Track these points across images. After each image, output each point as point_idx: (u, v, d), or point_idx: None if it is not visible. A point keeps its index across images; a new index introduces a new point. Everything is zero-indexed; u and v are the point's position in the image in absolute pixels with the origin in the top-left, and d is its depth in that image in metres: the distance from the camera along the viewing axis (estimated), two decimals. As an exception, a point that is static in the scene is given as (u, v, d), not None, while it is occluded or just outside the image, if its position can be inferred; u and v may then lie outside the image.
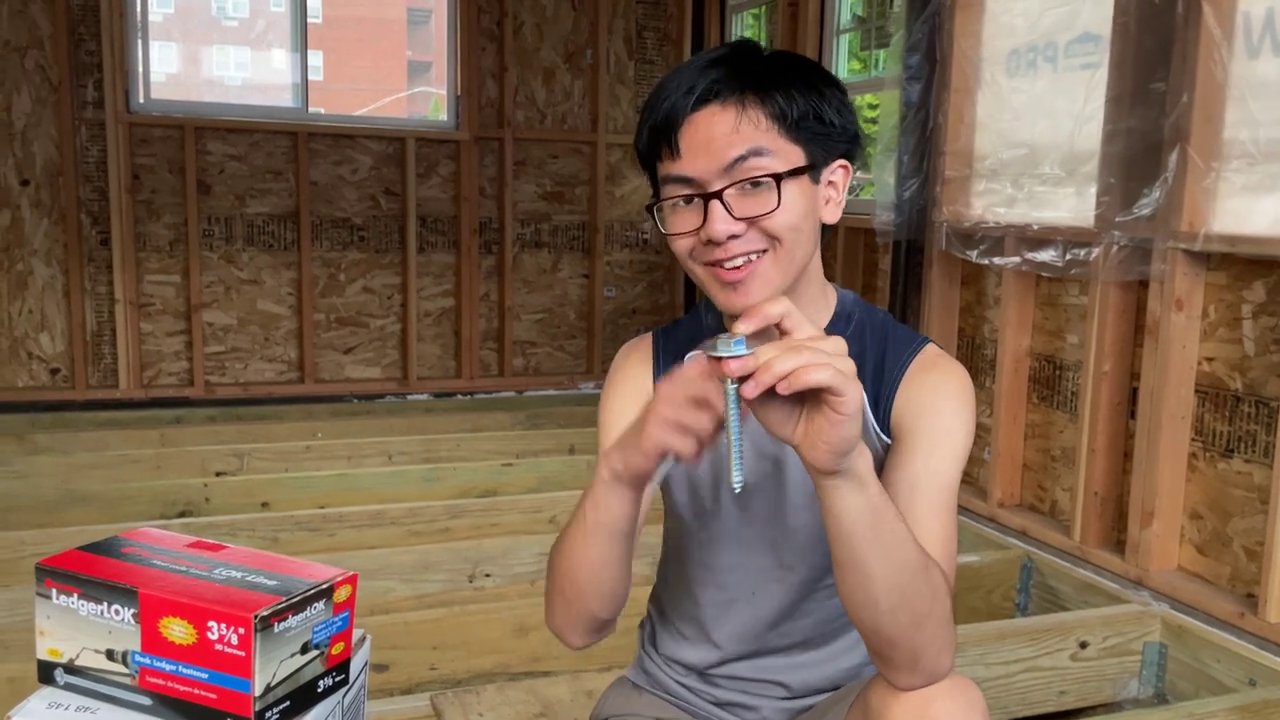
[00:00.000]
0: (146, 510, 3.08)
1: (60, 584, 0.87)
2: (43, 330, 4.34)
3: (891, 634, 0.95)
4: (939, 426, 1.08)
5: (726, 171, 1.03)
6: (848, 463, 0.86)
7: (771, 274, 1.06)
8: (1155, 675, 2.30)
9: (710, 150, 1.03)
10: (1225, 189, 2.36)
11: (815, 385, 0.81)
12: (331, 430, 4.04)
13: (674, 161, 1.06)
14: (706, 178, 1.04)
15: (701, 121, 1.04)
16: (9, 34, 4.14)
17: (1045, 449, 2.98)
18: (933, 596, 0.95)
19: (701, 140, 1.04)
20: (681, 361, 1.20)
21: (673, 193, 1.07)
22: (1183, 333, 2.44)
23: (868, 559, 0.91)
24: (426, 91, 18.18)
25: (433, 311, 4.89)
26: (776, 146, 1.04)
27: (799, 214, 1.06)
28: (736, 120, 1.03)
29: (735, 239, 1.04)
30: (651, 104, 1.08)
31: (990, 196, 3.13)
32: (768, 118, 1.04)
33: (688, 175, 1.05)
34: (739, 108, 1.04)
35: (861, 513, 0.89)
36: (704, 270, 1.08)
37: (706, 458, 1.17)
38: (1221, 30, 2.31)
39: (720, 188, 1.03)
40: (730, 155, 1.03)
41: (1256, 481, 2.33)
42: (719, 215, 1.03)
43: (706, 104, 1.04)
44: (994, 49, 3.15)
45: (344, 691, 0.93)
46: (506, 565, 2.69)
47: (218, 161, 4.49)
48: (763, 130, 1.04)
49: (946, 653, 0.98)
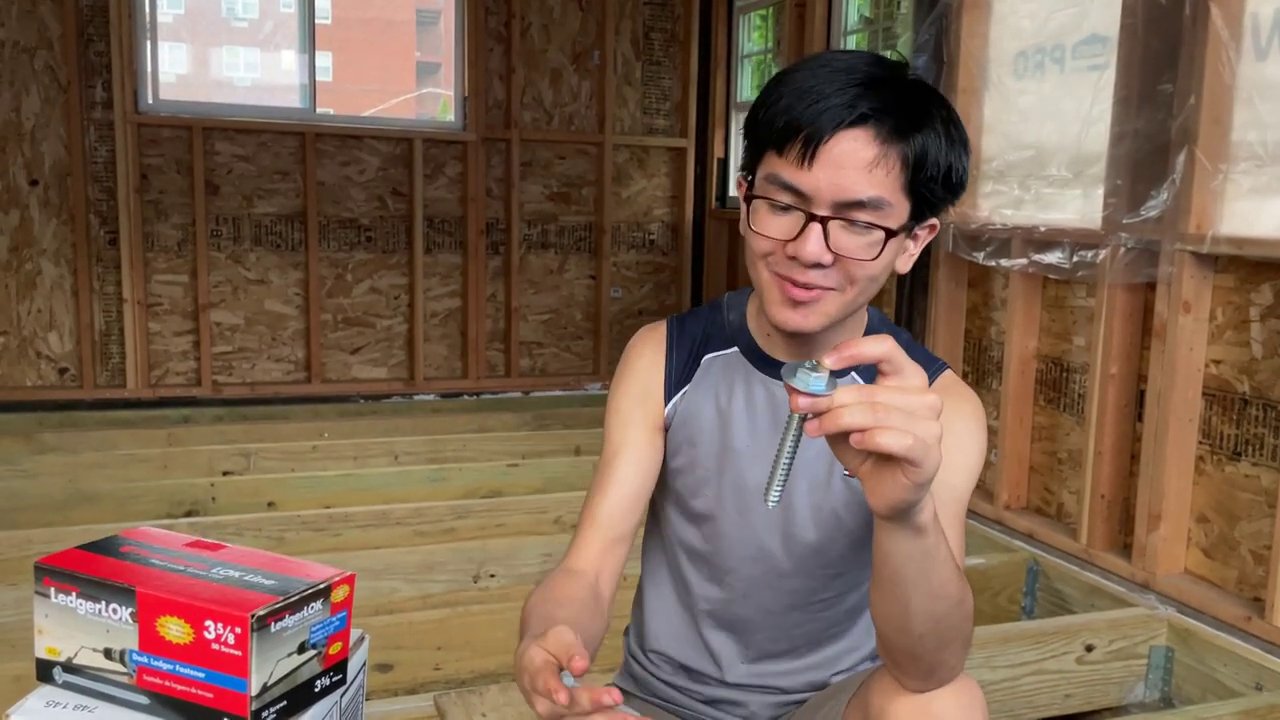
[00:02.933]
0: (153, 509, 3.09)
1: (59, 583, 0.87)
2: (51, 330, 4.36)
3: (915, 651, 0.95)
4: (955, 445, 1.06)
5: (843, 207, 0.99)
6: (908, 517, 0.83)
7: (833, 309, 1.05)
8: (1161, 679, 2.29)
9: (839, 179, 0.98)
10: (1233, 191, 2.34)
11: (889, 452, 0.76)
12: (338, 430, 4.05)
13: (798, 170, 0.99)
14: (820, 201, 0.99)
15: (844, 144, 0.98)
16: (18, 34, 4.15)
17: (1052, 451, 2.97)
18: (963, 622, 0.95)
19: (834, 164, 0.98)
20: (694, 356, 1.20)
21: (776, 195, 1.02)
22: (1190, 335, 2.43)
23: (909, 595, 0.90)
24: (435, 93, 18.22)
25: (439, 312, 4.89)
26: (896, 200, 1.01)
27: (884, 266, 1.04)
28: (876, 160, 0.98)
29: (819, 268, 1.01)
30: (798, 90, 1.00)
31: (997, 198, 3.13)
32: (902, 165, 1.00)
33: (804, 190, 1.00)
34: (883, 148, 0.98)
35: (910, 558, 0.88)
36: (770, 277, 1.05)
37: (713, 455, 1.18)
38: (1229, 32, 2.30)
39: (829, 215, 0.99)
40: (855, 195, 0.99)
41: (1264, 485, 2.32)
42: (816, 238, 0.99)
43: (858, 126, 0.98)
44: (1001, 50, 3.14)
45: (341, 691, 0.93)
46: (511, 566, 2.69)
47: (226, 162, 4.50)
48: (893, 179, 0.99)
49: (961, 665, 0.99)
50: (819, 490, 1.14)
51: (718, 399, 1.17)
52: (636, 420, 1.19)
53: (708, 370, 1.19)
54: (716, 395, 1.17)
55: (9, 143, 4.20)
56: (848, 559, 1.17)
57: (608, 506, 1.17)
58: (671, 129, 5.17)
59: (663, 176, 5.18)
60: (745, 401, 1.16)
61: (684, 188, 5.19)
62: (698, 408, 1.18)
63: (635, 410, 1.19)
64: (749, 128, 1.06)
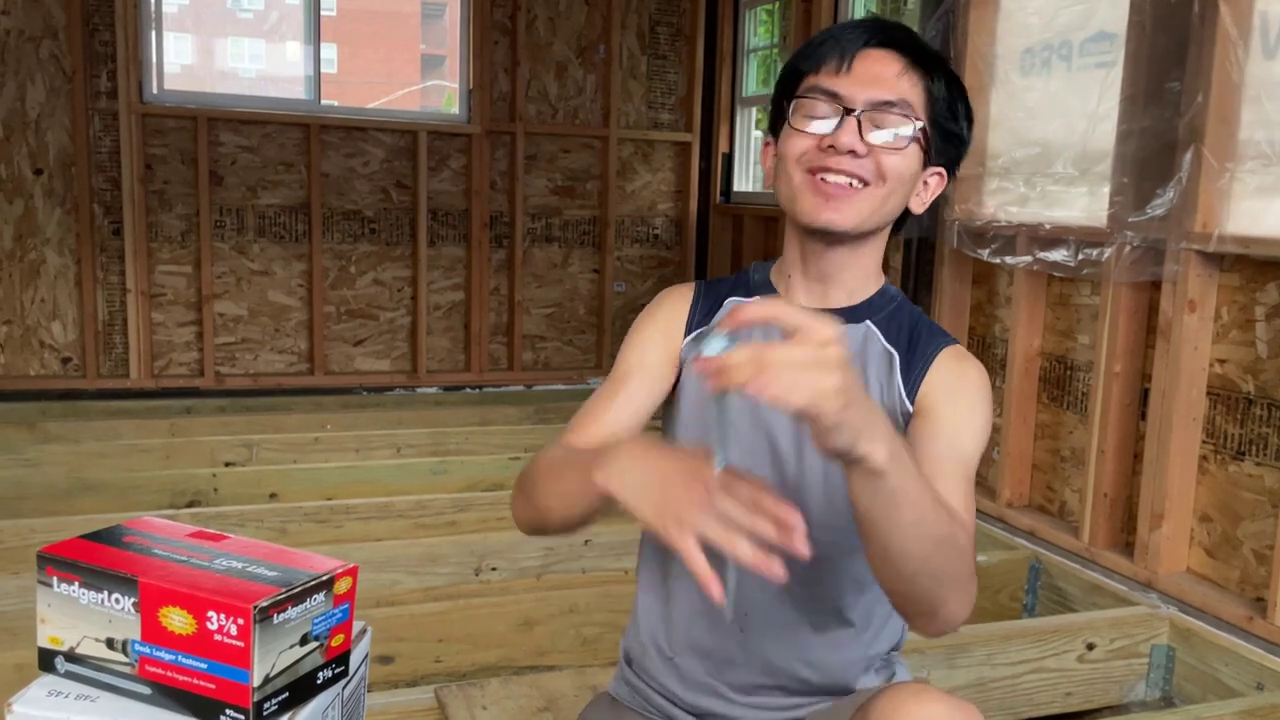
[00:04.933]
0: (156, 500, 3.09)
1: (61, 572, 0.87)
2: (54, 319, 4.36)
3: (910, 592, 0.98)
4: (964, 409, 1.13)
5: (875, 104, 1.11)
6: (855, 454, 0.83)
7: (863, 206, 1.12)
8: (1162, 678, 2.29)
9: (873, 82, 1.12)
10: (1240, 190, 2.34)
11: (785, 405, 0.77)
12: (340, 422, 4.05)
13: (835, 77, 1.12)
14: (854, 101, 1.11)
15: (874, 57, 1.13)
16: (24, 23, 4.15)
17: (1055, 449, 2.97)
18: (956, 561, 0.96)
19: (868, 72, 1.12)
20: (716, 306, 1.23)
21: (815, 98, 1.13)
22: (1195, 334, 2.43)
23: (887, 537, 0.92)
24: (440, 85, 18.20)
25: (443, 305, 4.89)
26: (920, 113, 1.13)
27: (911, 171, 1.14)
28: (903, 71, 1.13)
29: (853, 157, 1.10)
30: (826, 34, 1.16)
31: (1002, 195, 3.12)
32: (924, 89, 1.14)
33: (840, 92, 1.12)
34: (908, 65, 1.13)
35: (874, 499, 0.88)
36: (804, 177, 1.13)
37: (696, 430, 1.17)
38: (1238, 30, 2.29)
39: (863, 110, 1.11)
40: (887, 95, 1.11)
41: (1267, 485, 2.32)
42: (851, 129, 1.10)
43: (884, 48, 1.13)
44: (1008, 47, 3.13)
45: (344, 683, 0.93)
46: (512, 559, 2.69)
47: (230, 153, 4.50)
48: (917, 93, 1.13)
49: (964, 607, 1.01)
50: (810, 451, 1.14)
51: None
52: (656, 344, 1.22)
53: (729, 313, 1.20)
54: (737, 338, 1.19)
55: (14, 132, 4.20)
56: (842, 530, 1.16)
57: (614, 411, 1.18)
58: (676, 123, 5.16)
59: (667, 171, 5.17)
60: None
61: (688, 182, 5.18)
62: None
63: (656, 336, 1.23)
64: (782, 80, 1.18)
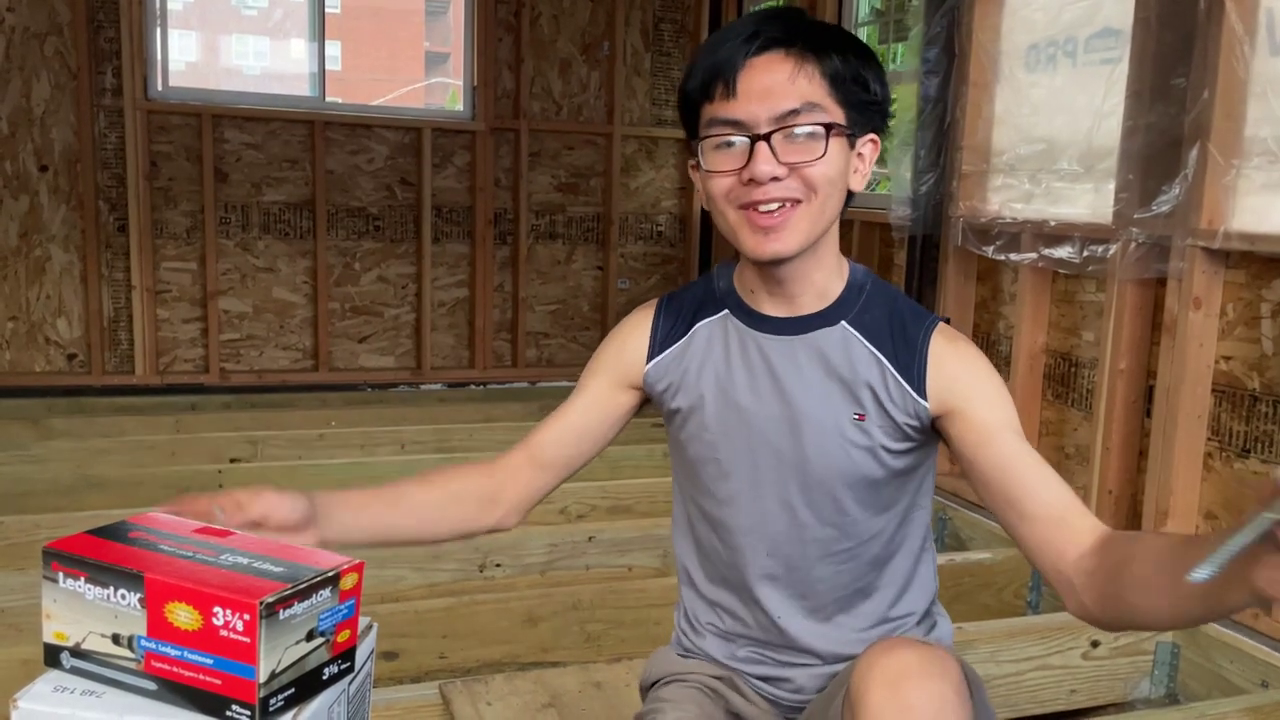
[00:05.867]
0: (161, 496, 3.05)
1: (67, 567, 0.87)
2: (60, 316, 4.36)
3: None
4: (990, 394, 1.13)
5: (778, 119, 1.06)
6: None
7: (803, 224, 1.09)
8: (1167, 675, 2.29)
9: (765, 97, 1.06)
10: (1245, 186, 2.33)
11: None
12: (345, 419, 4.06)
13: (727, 103, 1.08)
14: (757, 122, 1.07)
15: (760, 67, 1.07)
16: (29, 20, 4.16)
17: (1059, 446, 2.96)
18: None
19: (758, 86, 1.07)
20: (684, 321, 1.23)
21: (718, 133, 1.09)
22: (1200, 331, 2.42)
23: None
24: (444, 82, 18.21)
25: (447, 302, 4.89)
26: (825, 104, 1.08)
27: (837, 169, 1.10)
28: (794, 71, 1.07)
29: (776, 182, 1.07)
30: (708, 48, 1.10)
31: (1007, 192, 3.11)
32: (821, 75, 1.08)
33: (739, 119, 1.07)
34: (798, 60, 1.07)
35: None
36: (737, 214, 1.10)
37: (719, 418, 1.19)
38: (1244, 26, 2.29)
39: (768, 131, 1.06)
40: (785, 105, 1.06)
41: (1273, 482, 2.31)
42: (764, 156, 1.06)
43: (766, 51, 1.07)
44: (1013, 43, 3.13)
45: (349, 679, 0.93)
46: (517, 556, 2.69)
47: (235, 150, 4.50)
48: (816, 85, 1.08)
49: None
50: (828, 433, 1.15)
51: (715, 364, 1.20)
52: (603, 372, 1.27)
53: (701, 337, 1.22)
54: (714, 360, 1.20)
55: (19, 128, 4.20)
56: (864, 502, 1.17)
57: (544, 433, 1.27)
58: (680, 120, 5.15)
59: (671, 168, 5.16)
60: (741, 358, 1.19)
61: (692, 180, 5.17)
62: (695, 376, 1.21)
63: (608, 364, 1.27)
64: (681, 107, 1.16)
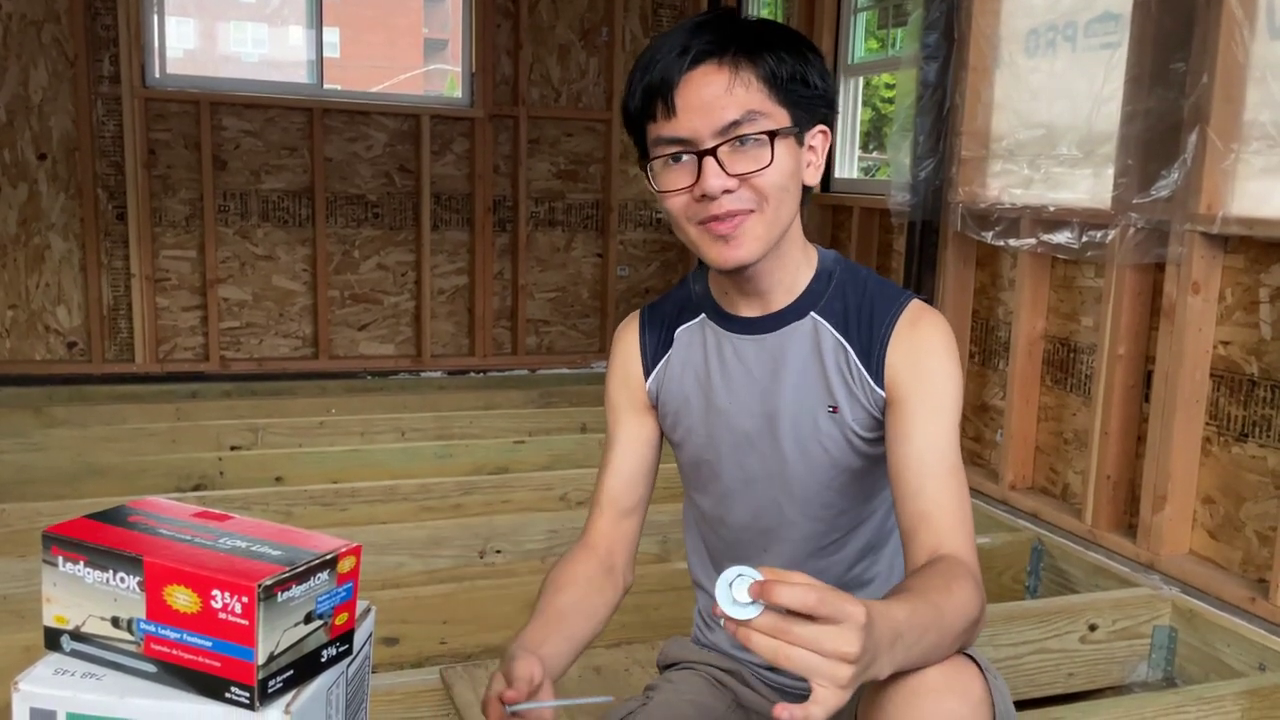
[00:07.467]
0: (161, 483, 3.10)
1: (67, 551, 0.88)
2: (60, 304, 4.37)
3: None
4: (934, 388, 1.11)
5: (721, 132, 1.06)
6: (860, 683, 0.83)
7: (760, 231, 1.10)
8: (1164, 659, 2.30)
9: (705, 111, 1.06)
10: (1244, 171, 2.33)
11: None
12: (345, 406, 4.06)
13: (668, 122, 1.08)
14: (700, 137, 1.07)
15: (695, 82, 1.06)
16: (26, 8, 4.14)
17: (1058, 432, 2.97)
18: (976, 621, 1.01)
19: (696, 101, 1.06)
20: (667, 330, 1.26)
21: (665, 152, 1.10)
22: (1199, 316, 2.42)
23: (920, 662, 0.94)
24: (442, 69, 18.14)
25: (447, 289, 4.89)
26: (766, 109, 1.08)
27: (786, 173, 1.10)
28: (730, 81, 1.06)
29: (729, 194, 1.07)
30: (643, 66, 1.10)
31: (1006, 177, 3.11)
32: (758, 79, 1.07)
33: (682, 136, 1.08)
34: (732, 69, 1.06)
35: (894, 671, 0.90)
36: (697, 230, 1.11)
37: (703, 421, 1.20)
38: (1243, 10, 2.28)
39: (714, 145, 1.06)
40: (726, 118, 1.06)
41: (1270, 466, 2.32)
42: (713, 171, 1.06)
43: (699, 64, 1.06)
44: (1013, 28, 3.12)
45: (348, 662, 0.94)
46: (517, 542, 2.70)
47: (233, 137, 4.49)
48: (754, 92, 1.07)
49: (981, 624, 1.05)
50: (804, 429, 1.17)
51: (695, 368, 1.24)
52: (623, 405, 1.29)
53: (682, 343, 1.26)
54: (694, 364, 1.24)
55: (17, 116, 4.20)
56: (847, 494, 1.20)
57: (609, 486, 1.29)
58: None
59: (671, 154, 5.15)
60: (719, 362, 1.22)
61: (692, 166, 5.16)
62: (679, 380, 1.25)
63: (621, 395, 1.30)
64: (626, 126, 1.16)
